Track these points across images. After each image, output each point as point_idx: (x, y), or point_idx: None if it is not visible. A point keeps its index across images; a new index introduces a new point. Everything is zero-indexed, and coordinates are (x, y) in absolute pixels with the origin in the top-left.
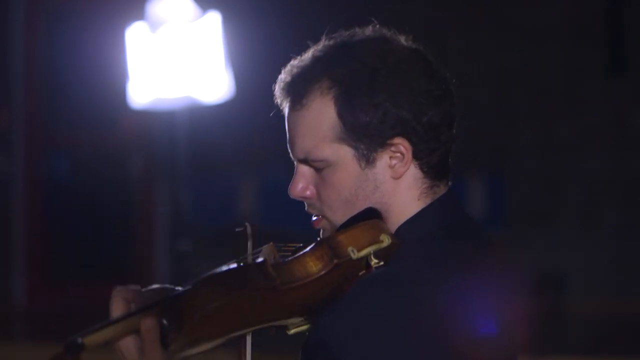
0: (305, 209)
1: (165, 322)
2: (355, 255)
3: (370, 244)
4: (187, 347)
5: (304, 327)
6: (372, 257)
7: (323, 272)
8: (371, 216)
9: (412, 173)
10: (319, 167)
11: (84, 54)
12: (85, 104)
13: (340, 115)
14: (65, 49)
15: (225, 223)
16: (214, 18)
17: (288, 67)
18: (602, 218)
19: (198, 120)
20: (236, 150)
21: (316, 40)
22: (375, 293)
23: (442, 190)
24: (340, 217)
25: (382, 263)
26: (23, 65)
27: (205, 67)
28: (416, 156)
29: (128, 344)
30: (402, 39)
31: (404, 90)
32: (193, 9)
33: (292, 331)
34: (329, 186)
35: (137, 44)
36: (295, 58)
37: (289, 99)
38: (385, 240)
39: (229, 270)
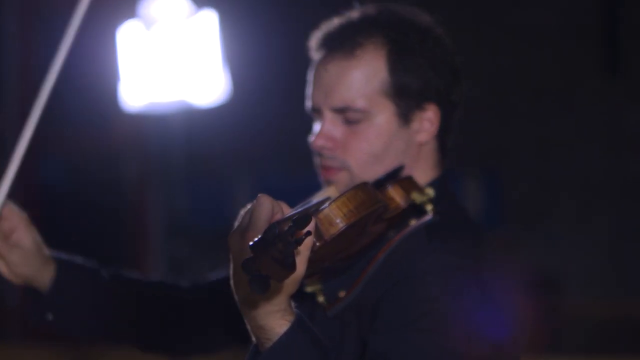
0: (319, 161)
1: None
2: (419, 199)
3: (422, 194)
4: (310, 265)
5: (317, 287)
6: (427, 204)
7: (401, 209)
8: (401, 172)
9: (432, 143)
10: (356, 119)
11: (77, 56)
12: (79, 107)
13: (391, 71)
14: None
15: (220, 225)
16: (210, 16)
17: (333, 21)
18: (599, 218)
19: (193, 122)
20: (231, 151)
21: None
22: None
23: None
24: (363, 170)
25: (435, 212)
26: (15, 68)
27: (201, 68)
28: (438, 128)
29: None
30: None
31: (444, 63)
32: (188, 7)
33: (310, 289)
34: (362, 138)
35: (129, 44)
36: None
37: (334, 49)
38: (430, 193)
39: (362, 185)
